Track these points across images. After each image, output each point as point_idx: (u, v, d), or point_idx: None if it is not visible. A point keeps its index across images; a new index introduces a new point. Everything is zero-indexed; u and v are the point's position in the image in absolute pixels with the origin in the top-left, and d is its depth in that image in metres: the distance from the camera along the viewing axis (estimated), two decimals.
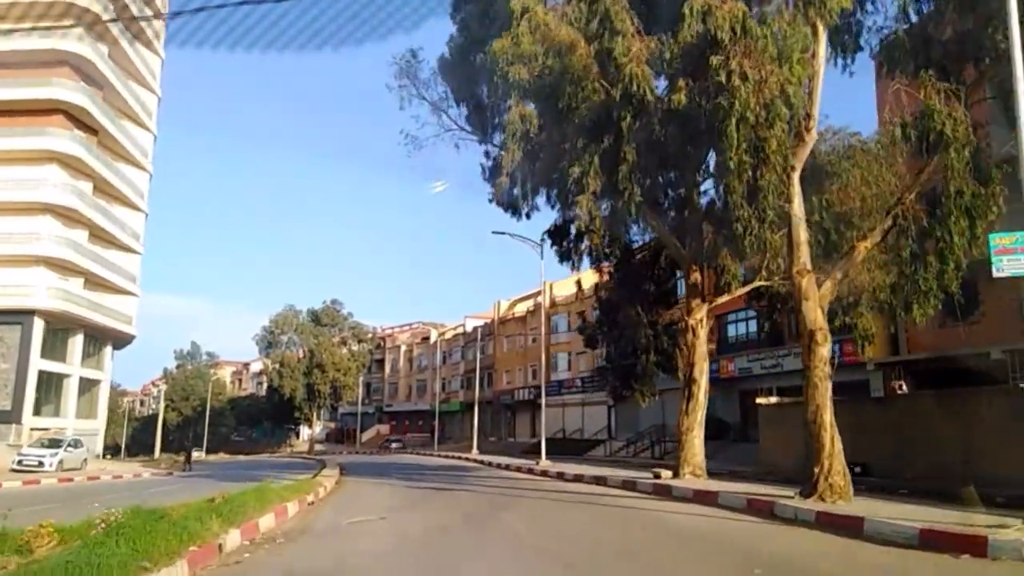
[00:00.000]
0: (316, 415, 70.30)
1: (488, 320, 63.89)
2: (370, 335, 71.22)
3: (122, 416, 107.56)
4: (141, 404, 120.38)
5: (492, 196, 18.05)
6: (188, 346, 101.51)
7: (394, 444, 64.89)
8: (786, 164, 11.44)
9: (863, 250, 13.18)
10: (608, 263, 17.25)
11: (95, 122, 39.61)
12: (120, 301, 43.84)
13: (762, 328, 31.59)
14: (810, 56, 11.77)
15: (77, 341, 40.23)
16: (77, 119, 38.69)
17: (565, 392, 47.53)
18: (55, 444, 28.06)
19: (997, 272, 9.08)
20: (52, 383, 38.73)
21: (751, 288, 15.50)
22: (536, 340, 52.97)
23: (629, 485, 16.50)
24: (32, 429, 35.00)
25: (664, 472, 16.56)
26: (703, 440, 16.80)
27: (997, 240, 9.28)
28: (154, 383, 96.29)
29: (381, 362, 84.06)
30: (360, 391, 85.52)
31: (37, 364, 36.32)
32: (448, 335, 73.61)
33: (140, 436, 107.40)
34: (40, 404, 37.45)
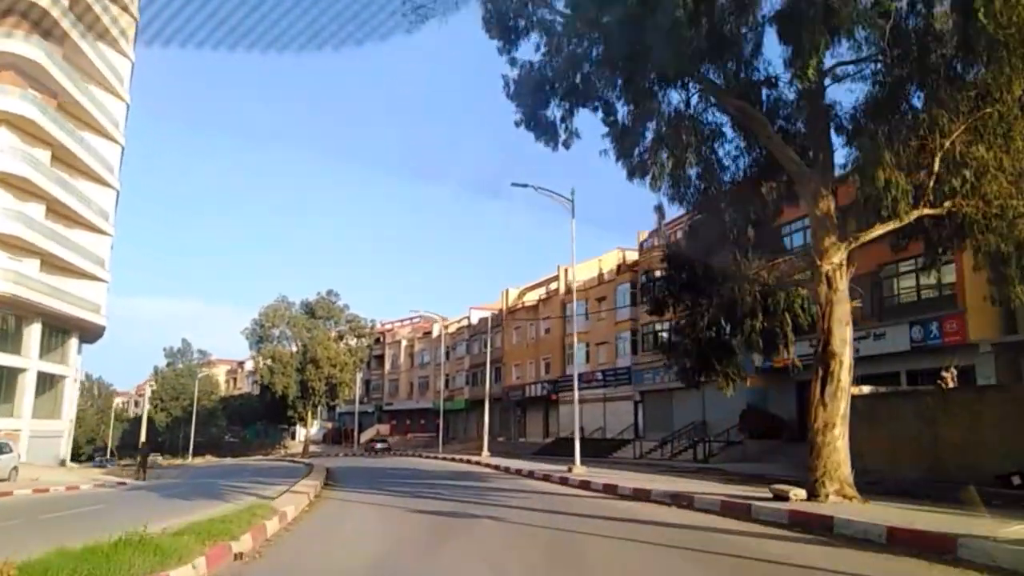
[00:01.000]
0: (311, 414, 65.44)
1: (495, 311, 59.08)
2: (368, 329, 66.33)
3: (116, 417, 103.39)
4: (136, 405, 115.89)
5: (520, 116, 13.30)
6: (179, 343, 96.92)
7: (379, 445, 60.05)
8: None
9: None
10: (694, 187, 12.42)
11: (54, 83, 34.86)
12: (86, 287, 39.08)
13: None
14: None
15: (34, 331, 35.48)
16: (33, 78, 33.96)
17: (584, 387, 42.65)
18: None
19: None
20: (2, 378, 34.00)
21: (916, 217, 10.54)
22: (550, 331, 48.26)
23: (739, 511, 10.86)
24: None
25: (793, 491, 11.23)
26: (847, 442, 11.70)
27: None
28: (149, 384, 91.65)
29: (381, 358, 79.28)
30: (358, 389, 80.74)
31: None
32: (452, 328, 68.80)
33: (129, 438, 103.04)
34: None
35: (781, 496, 11.35)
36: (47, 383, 38.02)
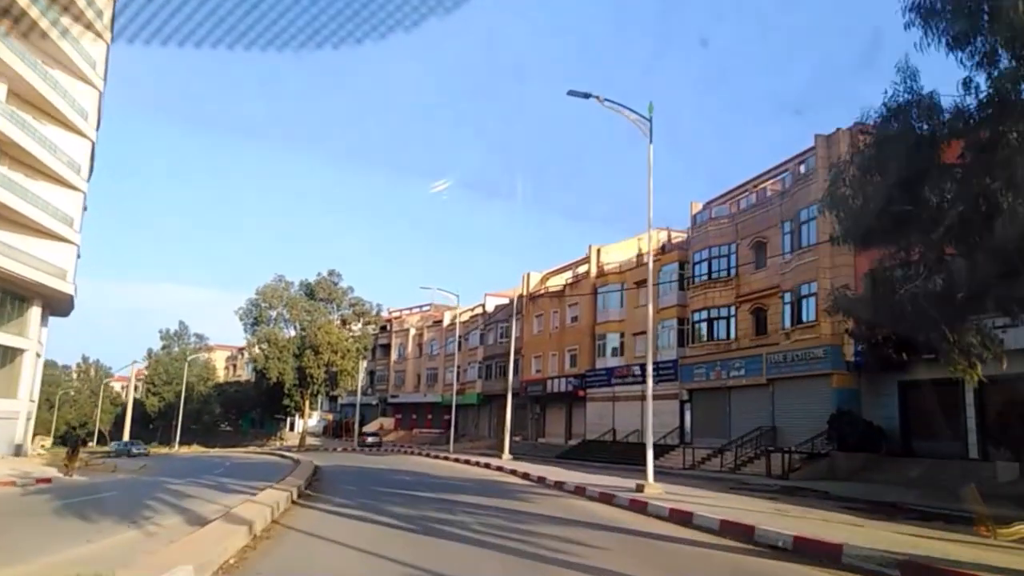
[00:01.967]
0: (309, 404, 60.13)
1: (514, 297, 53.59)
2: (374, 314, 60.92)
3: (113, 402, 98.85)
4: (136, 390, 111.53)
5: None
6: (176, 326, 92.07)
7: (370, 439, 54.92)
8: None
9: None
10: None
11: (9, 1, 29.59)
12: (49, 249, 33.88)
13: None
14: None
15: None
16: None
17: (617, 382, 37.24)
18: None
19: None
20: None
21: None
22: (577, 319, 42.73)
23: None
24: None
25: None
26: None
27: None
28: (134, 363, 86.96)
29: (387, 347, 74.02)
30: (361, 378, 75.49)
31: None
32: (464, 317, 63.39)
33: (122, 423, 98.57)
34: None
35: None
36: (2, 358, 32.94)
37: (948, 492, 14.97)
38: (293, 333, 58.12)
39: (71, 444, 25.80)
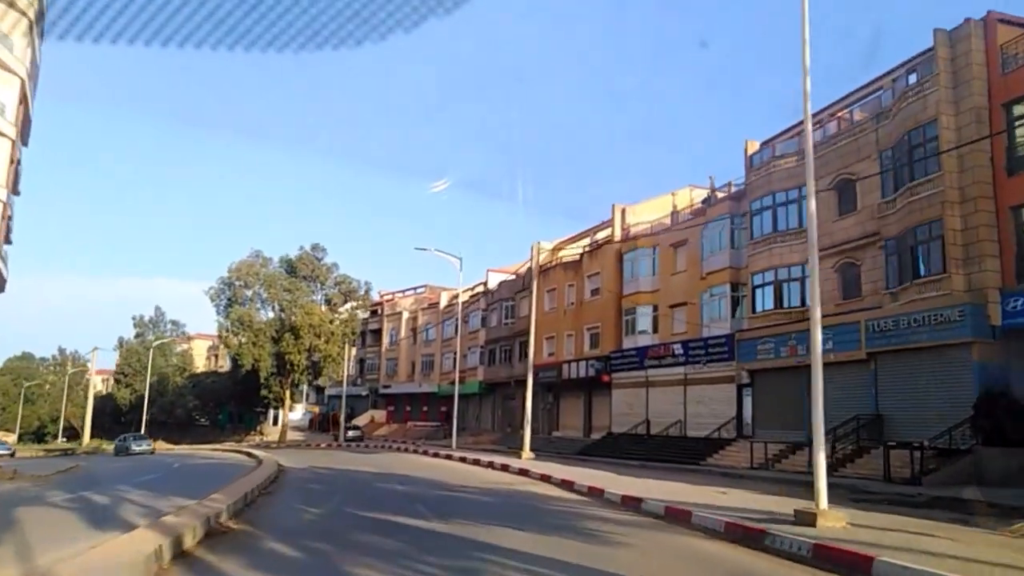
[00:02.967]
0: (289, 395, 53.71)
1: (521, 271, 47.44)
2: (362, 293, 54.42)
3: (85, 395, 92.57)
4: (110, 382, 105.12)
5: None
6: (152, 312, 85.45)
7: (350, 432, 49.02)
8: None
9: None
10: None
11: None
12: None
13: None
14: None
15: None
16: None
17: (651, 364, 31.11)
18: None
19: None
20: None
21: None
22: (599, 293, 36.58)
23: None
24: None
25: None
26: None
27: None
28: (92, 352, 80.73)
29: (378, 332, 67.73)
30: (348, 366, 69.16)
31: None
32: (464, 296, 57.18)
33: (97, 418, 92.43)
34: None
35: None
36: None
37: None
38: (272, 315, 51.71)
39: None
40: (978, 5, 20.04)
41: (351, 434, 48.37)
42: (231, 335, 49.88)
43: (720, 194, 32.35)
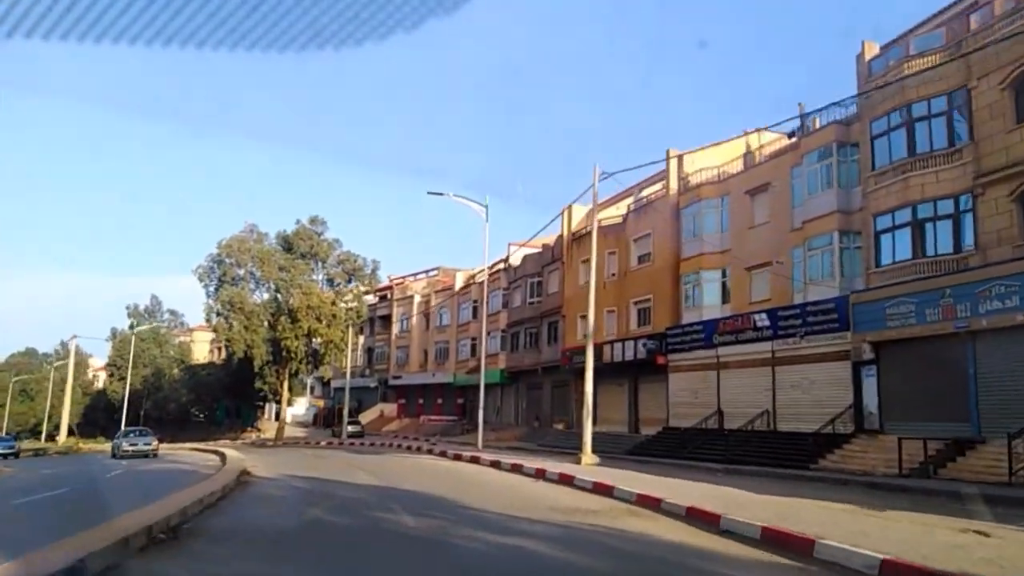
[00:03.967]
0: (289, 386, 47.71)
1: (550, 242, 41.24)
2: (368, 272, 48.25)
3: (84, 391, 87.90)
4: (110, 376, 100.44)
5: None
6: (148, 301, 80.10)
7: (350, 428, 43.24)
8: None
9: None
10: None
11: None
12: None
13: None
14: None
15: None
16: None
17: (724, 340, 24.80)
18: None
19: None
20: None
21: None
22: (650, 258, 30.31)
23: None
24: None
25: None
26: None
27: None
28: (72, 339, 75.96)
29: (387, 319, 61.82)
30: (357, 357, 63.28)
31: None
32: (481, 277, 51.06)
33: (91, 415, 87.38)
34: None
35: None
36: None
37: None
38: (267, 297, 45.80)
39: None
40: None
41: (351, 430, 42.46)
42: (221, 319, 43.98)
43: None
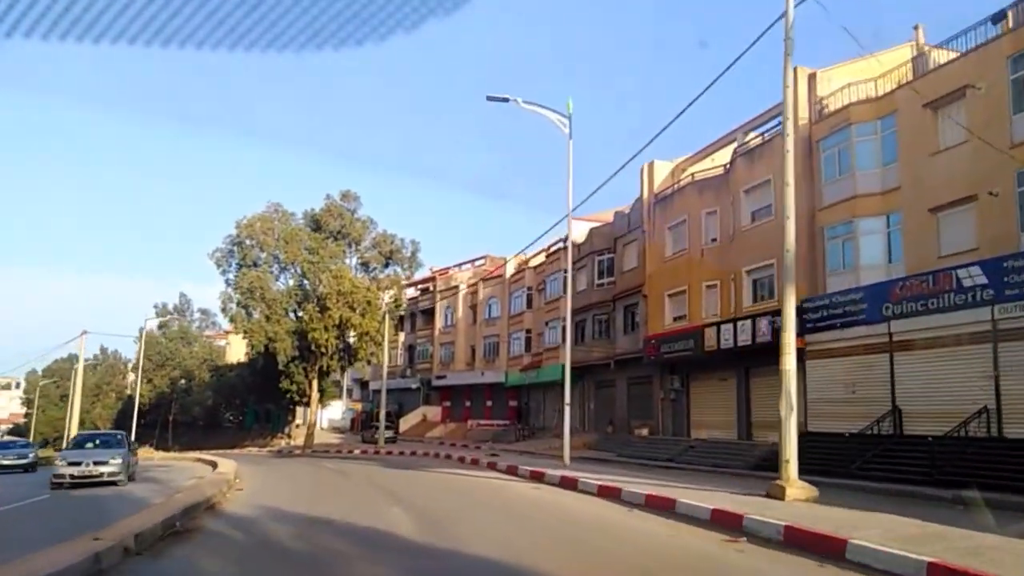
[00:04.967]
0: (318, 386, 41.63)
1: (625, 210, 34.38)
2: (408, 255, 42.05)
3: (116, 395, 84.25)
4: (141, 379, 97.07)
5: None
6: (177, 299, 75.76)
7: (386, 433, 37.20)
8: None
9: None
10: None
11: None
12: None
13: None
14: None
15: None
16: None
17: (900, 312, 17.61)
18: None
19: None
20: None
21: None
22: (768, 212, 23.18)
23: None
24: None
25: None
26: None
27: None
28: (81, 337, 71.56)
29: (430, 313, 55.76)
30: (396, 355, 57.32)
31: None
32: (534, 262, 44.53)
33: (122, 420, 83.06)
34: None
35: None
36: None
37: None
38: (292, 283, 39.99)
39: None
40: None
41: (387, 435, 36.37)
42: (239, 309, 38.26)
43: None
